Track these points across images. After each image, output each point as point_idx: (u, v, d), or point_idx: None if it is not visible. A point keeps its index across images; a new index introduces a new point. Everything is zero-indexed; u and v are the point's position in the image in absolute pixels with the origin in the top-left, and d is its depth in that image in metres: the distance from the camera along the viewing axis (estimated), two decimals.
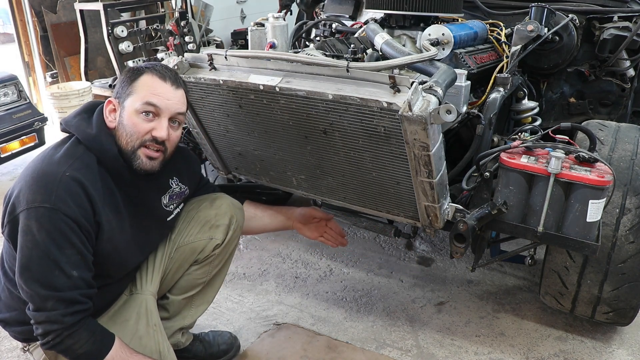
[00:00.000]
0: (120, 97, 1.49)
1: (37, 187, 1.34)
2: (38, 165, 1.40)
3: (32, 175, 1.37)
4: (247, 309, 2.33)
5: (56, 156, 1.41)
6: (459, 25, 2.08)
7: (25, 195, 1.34)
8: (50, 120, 4.31)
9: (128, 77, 1.49)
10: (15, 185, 1.42)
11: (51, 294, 1.33)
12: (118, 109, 1.49)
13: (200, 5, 5.01)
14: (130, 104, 1.46)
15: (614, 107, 2.46)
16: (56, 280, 1.33)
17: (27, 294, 1.36)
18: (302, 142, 1.78)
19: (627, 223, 1.78)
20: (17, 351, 2.06)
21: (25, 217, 1.33)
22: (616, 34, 2.27)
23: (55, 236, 1.32)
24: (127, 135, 1.47)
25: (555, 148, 1.63)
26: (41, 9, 4.66)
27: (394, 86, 1.43)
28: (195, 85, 1.81)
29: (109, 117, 1.50)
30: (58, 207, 1.32)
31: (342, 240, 2.09)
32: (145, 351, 1.56)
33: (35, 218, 1.32)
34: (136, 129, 1.46)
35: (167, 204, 1.69)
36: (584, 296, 1.93)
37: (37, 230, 1.32)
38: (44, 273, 1.33)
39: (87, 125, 1.48)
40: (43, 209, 1.32)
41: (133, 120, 1.46)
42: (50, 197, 1.32)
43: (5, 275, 1.50)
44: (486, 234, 1.86)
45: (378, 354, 2.06)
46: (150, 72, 1.49)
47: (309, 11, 3.17)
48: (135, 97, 1.46)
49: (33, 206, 1.32)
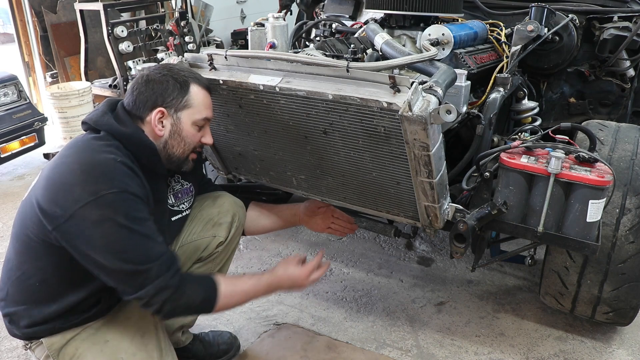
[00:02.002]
0: (171, 107, 1.52)
1: (94, 178, 1.34)
2: (82, 159, 1.38)
3: (81, 169, 1.36)
4: (247, 309, 2.33)
5: (97, 148, 1.41)
6: (459, 25, 2.08)
7: (84, 189, 1.33)
8: (50, 120, 4.32)
9: (178, 87, 1.52)
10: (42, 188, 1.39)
11: (151, 265, 1.37)
12: (170, 119, 1.52)
13: (200, 5, 5.02)
14: (187, 117, 1.54)
15: (614, 107, 2.46)
16: (151, 250, 1.38)
17: (124, 280, 1.38)
18: (302, 142, 1.78)
19: (627, 223, 1.78)
20: (17, 351, 2.07)
21: (94, 208, 1.32)
22: (616, 34, 2.27)
23: (134, 214, 1.36)
24: (184, 145, 1.56)
25: (555, 148, 1.63)
26: (41, 9, 4.66)
27: (394, 86, 1.43)
28: None
29: (157, 126, 1.51)
30: (125, 189, 1.35)
31: (351, 227, 2.08)
32: (147, 349, 1.56)
33: (107, 205, 1.33)
34: (194, 139, 1.57)
35: (174, 203, 1.72)
36: (584, 296, 1.93)
37: (114, 215, 1.33)
38: (138, 249, 1.37)
39: (121, 123, 1.49)
40: (112, 194, 1.33)
41: (191, 132, 1.56)
42: (113, 183, 1.34)
43: (16, 269, 1.49)
44: (486, 234, 1.86)
45: (378, 354, 2.06)
46: (195, 83, 1.55)
47: (309, 11, 3.17)
48: (193, 110, 1.54)
49: (100, 195, 1.32)
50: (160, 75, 1.52)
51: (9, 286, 1.50)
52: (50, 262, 1.44)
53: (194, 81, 1.55)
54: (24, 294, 1.48)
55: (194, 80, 1.55)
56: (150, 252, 1.38)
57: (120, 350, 1.52)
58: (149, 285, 1.37)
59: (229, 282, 1.56)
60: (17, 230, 1.49)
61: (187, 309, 1.48)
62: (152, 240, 1.40)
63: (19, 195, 3.56)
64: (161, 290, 1.39)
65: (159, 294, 1.39)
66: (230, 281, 1.58)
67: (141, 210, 1.39)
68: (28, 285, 1.47)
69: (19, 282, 1.48)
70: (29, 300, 1.48)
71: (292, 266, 1.69)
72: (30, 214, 1.42)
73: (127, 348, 1.53)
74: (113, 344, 1.52)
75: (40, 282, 1.46)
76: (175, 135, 1.54)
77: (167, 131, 1.53)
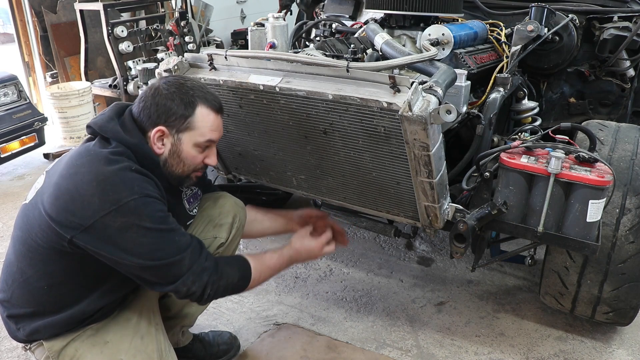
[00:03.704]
0: (173, 127, 1.47)
1: (112, 186, 1.34)
2: (96, 169, 1.37)
3: (97, 179, 1.35)
4: (247, 309, 2.33)
5: (109, 157, 1.39)
6: (459, 25, 2.08)
7: (104, 199, 1.33)
8: (50, 120, 4.32)
9: (182, 107, 1.47)
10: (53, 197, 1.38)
11: (184, 255, 1.40)
12: (171, 139, 1.49)
13: (200, 5, 5.02)
14: (189, 139, 1.49)
15: (614, 107, 2.46)
16: (179, 242, 1.41)
17: (158, 275, 1.41)
18: (302, 142, 1.78)
19: (627, 223, 1.78)
20: (17, 351, 2.07)
21: (117, 216, 1.32)
22: (616, 34, 2.27)
23: (157, 215, 1.39)
24: (183, 165, 1.53)
25: (555, 148, 1.63)
26: (41, 9, 4.66)
27: (394, 86, 1.43)
28: None
29: (156, 144, 1.49)
30: (145, 194, 1.37)
31: (342, 240, 2.06)
32: (147, 351, 1.56)
33: (130, 212, 1.34)
34: (195, 161, 1.54)
35: (190, 208, 1.73)
36: (584, 296, 1.93)
37: (139, 221, 1.34)
38: (168, 245, 1.39)
39: (126, 132, 1.47)
40: (133, 201, 1.34)
41: (192, 154, 1.52)
42: (133, 189, 1.35)
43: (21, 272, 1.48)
44: (486, 234, 1.86)
45: (378, 354, 2.06)
46: (203, 103, 1.49)
47: (309, 11, 3.17)
48: (195, 133, 1.49)
49: (122, 203, 1.33)
50: (168, 91, 1.47)
51: (14, 288, 1.49)
52: (60, 266, 1.44)
53: (202, 102, 1.49)
54: (31, 296, 1.48)
55: (202, 101, 1.49)
56: (179, 244, 1.41)
57: (120, 351, 1.52)
58: (185, 274, 1.41)
59: (257, 260, 1.61)
60: (22, 234, 1.47)
61: (226, 289, 1.51)
62: (178, 233, 1.42)
63: (19, 195, 3.55)
64: (199, 275, 1.42)
65: (198, 280, 1.42)
66: (258, 259, 1.62)
67: (162, 210, 1.41)
68: (35, 289, 1.46)
69: (25, 285, 1.47)
70: (36, 304, 1.48)
71: (307, 239, 1.75)
72: (38, 221, 1.41)
73: (127, 349, 1.53)
74: (113, 345, 1.52)
75: (49, 286, 1.46)
76: (175, 156, 1.51)
77: (167, 150, 1.50)
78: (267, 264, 1.64)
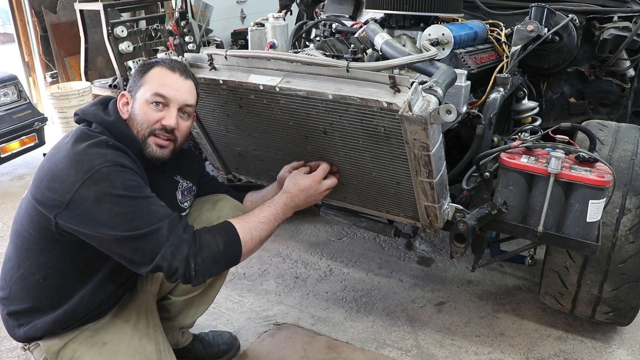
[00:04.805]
0: (132, 90, 1.55)
1: (88, 157, 1.35)
2: (75, 146, 1.38)
3: (75, 153, 1.36)
4: (247, 309, 2.33)
5: (86, 135, 1.43)
6: (459, 25, 2.08)
7: (78, 169, 1.33)
8: (50, 120, 4.32)
9: (139, 71, 1.55)
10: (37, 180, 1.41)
11: (160, 225, 1.35)
12: (130, 102, 1.54)
13: (200, 5, 5.01)
14: (141, 95, 1.52)
15: (614, 107, 2.46)
16: (156, 212, 1.37)
17: (137, 248, 1.35)
18: (302, 142, 1.78)
19: (627, 223, 1.78)
20: (17, 351, 2.07)
21: (91, 185, 1.32)
22: (616, 34, 2.27)
23: (131, 183, 1.36)
24: (138, 125, 1.51)
25: (555, 148, 1.63)
26: (41, 9, 4.66)
27: (394, 86, 1.43)
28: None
29: (122, 110, 1.55)
30: (118, 162, 1.37)
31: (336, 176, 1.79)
32: (145, 352, 1.56)
33: (103, 179, 1.32)
34: (146, 118, 1.51)
35: (182, 200, 1.72)
36: (584, 296, 1.93)
37: (112, 189, 1.32)
38: (144, 213, 1.35)
39: (105, 113, 1.53)
40: (106, 168, 1.34)
41: (144, 110, 1.51)
42: (107, 158, 1.36)
43: (18, 267, 1.49)
44: (486, 234, 1.86)
45: (378, 354, 2.06)
46: (160, 64, 1.56)
47: (309, 11, 3.17)
48: (145, 88, 1.52)
49: (95, 170, 1.32)
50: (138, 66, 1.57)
51: (12, 284, 1.50)
52: (53, 255, 1.45)
53: (159, 64, 1.56)
54: (27, 291, 1.48)
55: (160, 63, 1.56)
56: (156, 213, 1.37)
57: (119, 352, 1.52)
58: (164, 246, 1.34)
59: (243, 219, 1.50)
60: (17, 227, 1.49)
61: (215, 259, 1.40)
62: (155, 204, 1.39)
63: (19, 195, 3.55)
64: (178, 248, 1.35)
65: (177, 253, 1.34)
66: (244, 217, 1.51)
67: (137, 180, 1.39)
68: (31, 282, 1.47)
69: (21, 280, 1.48)
70: (33, 298, 1.48)
71: (300, 178, 1.63)
72: (28, 209, 1.43)
73: (125, 350, 1.53)
74: (111, 346, 1.52)
75: (43, 278, 1.46)
76: (132, 116, 1.53)
77: (129, 114, 1.54)
78: (257, 219, 1.50)
